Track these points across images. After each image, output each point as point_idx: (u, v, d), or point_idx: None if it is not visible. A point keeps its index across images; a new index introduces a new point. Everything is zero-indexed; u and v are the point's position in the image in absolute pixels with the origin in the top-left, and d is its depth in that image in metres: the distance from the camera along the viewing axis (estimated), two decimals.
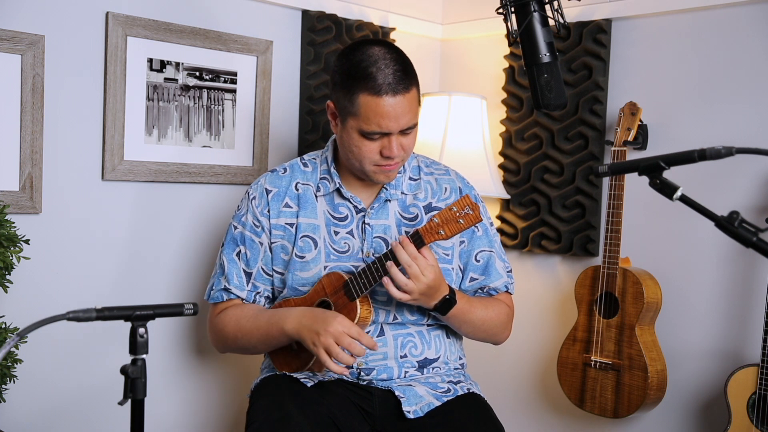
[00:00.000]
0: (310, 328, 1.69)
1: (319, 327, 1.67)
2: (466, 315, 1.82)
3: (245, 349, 1.89)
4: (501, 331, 1.93)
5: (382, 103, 1.68)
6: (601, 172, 1.35)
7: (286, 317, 1.75)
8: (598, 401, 2.38)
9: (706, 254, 2.34)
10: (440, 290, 1.74)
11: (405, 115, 1.71)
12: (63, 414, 2.14)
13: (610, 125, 2.52)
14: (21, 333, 1.20)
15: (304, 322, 1.71)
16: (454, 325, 1.86)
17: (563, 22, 1.82)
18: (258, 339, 1.82)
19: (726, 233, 1.18)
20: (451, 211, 1.67)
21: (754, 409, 2.10)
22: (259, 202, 1.88)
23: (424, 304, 1.75)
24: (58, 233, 2.09)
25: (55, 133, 2.06)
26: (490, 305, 1.89)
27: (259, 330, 1.81)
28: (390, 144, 1.73)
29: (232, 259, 1.88)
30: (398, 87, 1.69)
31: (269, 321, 1.79)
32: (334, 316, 1.68)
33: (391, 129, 1.71)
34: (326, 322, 1.67)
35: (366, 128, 1.71)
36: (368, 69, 1.69)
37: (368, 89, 1.68)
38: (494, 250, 1.93)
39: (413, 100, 1.74)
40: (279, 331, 1.76)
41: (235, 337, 1.85)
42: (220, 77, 2.37)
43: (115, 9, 2.13)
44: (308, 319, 1.71)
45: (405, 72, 1.71)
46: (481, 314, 1.85)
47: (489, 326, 1.88)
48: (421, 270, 1.68)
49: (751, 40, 2.26)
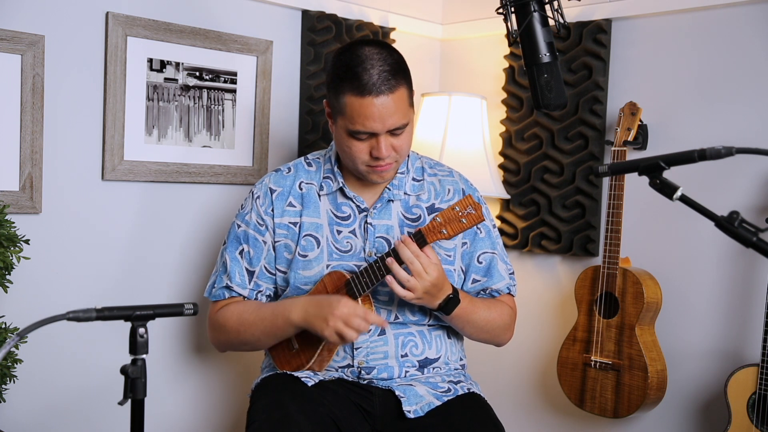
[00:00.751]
0: (318, 315, 1.70)
1: (326, 313, 1.68)
2: (470, 315, 1.82)
3: (247, 343, 1.87)
4: (503, 332, 1.93)
5: (366, 104, 1.68)
6: (601, 172, 1.35)
7: (291, 308, 1.76)
8: (598, 401, 2.38)
9: (706, 254, 2.34)
10: (444, 289, 1.74)
11: (391, 116, 1.71)
12: (63, 414, 2.14)
13: (610, 125, 2.52)
14: (21, 333, 1.20)
15: (311, 311, 1.72)
16: (457, 326, 1.86)
17: (563, 22, 1.82)
18: (262, 331, 1.81)
19: (726, 233, 1.18)
20: (453, 211, 1.68)
21: (754, 409, 2.10)
22: (263, 201, 1.88)
23: (428, 303, 1.75)
24: (58, 233, 2.09)
25: (55, 133, 2.06)
26: (493, 306, 1.89)
27: (263, 321, 1.80)
28: (378, 144, 1.73)
29: (235, 257, 1.88)
30: (382, 87, 1.68)
31: (273, 312, 1.79)
32: (338, 300, 1.69)
33: (376, 129, 1.71)
34: (332, 307, 1.67)
35: (352, 128, 1.72)
36: (354, 69, 1.69)
37: (353, 89, 1.69)
38: (497, 252, 1.93)
39: (400, 101, 1.72)
40: (285, 321, 1.76)
41: (237, 330, 1.85)
42: (220, 77, 2.37)
43: (115, 9, 2.13)
44: (314, 307, 1.72)
45: (392, 72, 1.70)
46: (484, 315, 1.85)
47: (492, 327, 1.88)
48: (424, 267, 1.68)
49: (751, 40, 2.26)
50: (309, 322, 1.72)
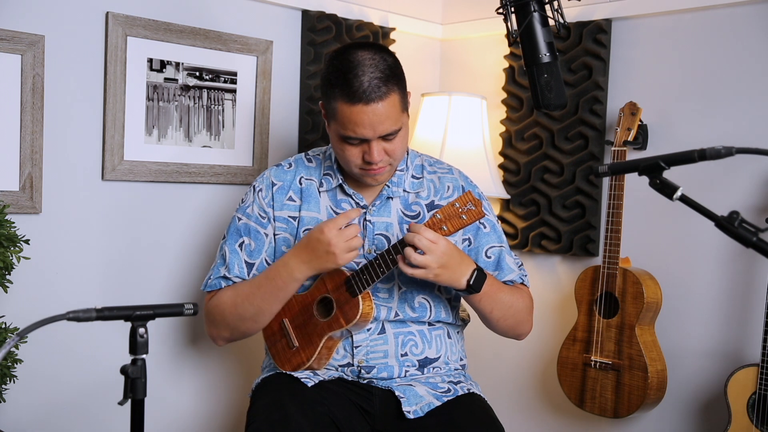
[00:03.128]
0: (318, 256, 1.72)
1: (324, 247, 1.70)
2: (497, 293, 1.79)
3: (246, 319, 1.81)
4: (526, 317, 1.89)
5: (357, 111, 1.67)
6: (601, 172, 1.35)
7: (286, 265, 1.76)
8: (598, 401, 2.38)
9: (706, 254, 2.34)
10: (464, 262, 1.71)
11: (382, 123, 1.70)
12: (63, 414, 2.14)
13: (610, 125, 2.52)
14: (21, 333, 1.20)
15: (308, 257, 1.73)
16: (486, 309, 1.80)
17: (563, 22, 1.82)
18: (262, 298, 1.78)
19: (726, 233, 1.18)
20: (453, 207, 1.67)
21: (754, 409, 2.10)
22: (266, 193, 1.89)
23: (453, 280, 1.70)
24: (58, 233, 2.09)
25: (55, 133, 2.06)
26: (514, 290, 1.86)
27: (260, 288, 1.78)
28: (371, 149, 1.72)
29: (235, 249, 1.88)
30: (372, 95, 1.66)
31: (267, 276, 1.79)
32: (320, 231, 1.70)
33: (367, 136, 1.70)
34: (322, 243, 1.70)
35: (344, 133, 1.72)
36: (346, 75, 1.68)
37: (343, 96, 1.68)
38: (504, 246, 1.92)
39: (392, 107, 1.70)
40: (287, 279, 1.76)
41: (234, 306, 1.81)
42: (220, 77, 2.37)
43: (115, 9, 2.13)
44: (307, 254, 1.73)
45: (383, 79, 1.68)
46: (508, 296, 1.82)
47: (517, 310, 1.85)
48: (431, 240, 1.65)
49: (751, 40, 2.27)
50: (317, 268, 1.74)
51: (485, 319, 1.86)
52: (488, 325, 1.89)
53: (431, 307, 1.86)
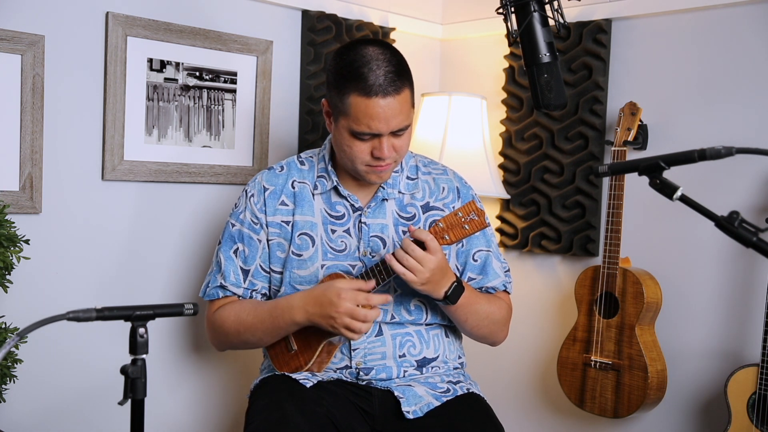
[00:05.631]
0: (322, 314, 1.69)
1: (330, 311, 1.67)
2: (473, 305, 1.81)
3: (248, 343, 1.87)
4: (501, 328, 1.93)
5: (373, 105, 1.67)
6: (601, 172, 1.35)
7: (291, 309, 1.75)
8: (598, 401, 2.38)
9: (706, 254, 2.34)
10: (447, 275, 1.74)
11: (396, 117, 1.70)
12: (63, 414, 2.14)
13: (610, 125, 2.52)
14: (21, 333, 1.20)
15: (312, 311, 1.71)
16: (460, 318, 1.83)
17: (563, 22, 1.82)
18: (263, 332, 1.81)
19: (726, 233, 1.18)
20: (456, 216, 1.68)
21: (754, 409, 2.10)
22: (257, 199, 1.88)
23: (433, 291, 1.73)
24: (58, 233, 2.09)
25: (55, 133, 2.06)
26: (492, 300, 1.89)
27: (263, 323, 1.80)
28: (381, 145, 1.72)
29: (229, 256, 1.88)
30: (389, 89, 1.67)
31: (272, 314, 1.79)
32: (338, 295, 1.67)
33: (381, 130, 1.70)
34: (333, 305, 1.67)
35: (356, 128, 1.71)
36: (360, 69, 1.68)
37: (359, 90, 1.68)
38: (491, 250, 1.92)
39: (405, 102, 1.72)
40: (289, 323, 1.76)
41: (237, 331, 1.85)
42: (220, 77, 2.37)
43: (115, 9, 2.13)
44: (314, 306, 1.71)
45: (397, 73, 1.70)
46: (485, 307, 1.85)
47: (492, 321, 1.87)
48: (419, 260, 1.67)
49: (751, 40, 2.26)
50: (315, 323, 1.72)
51: (459, 326, 1.90)
52: (462, 330, 1.93)
53: (427, 310, 1.86)
